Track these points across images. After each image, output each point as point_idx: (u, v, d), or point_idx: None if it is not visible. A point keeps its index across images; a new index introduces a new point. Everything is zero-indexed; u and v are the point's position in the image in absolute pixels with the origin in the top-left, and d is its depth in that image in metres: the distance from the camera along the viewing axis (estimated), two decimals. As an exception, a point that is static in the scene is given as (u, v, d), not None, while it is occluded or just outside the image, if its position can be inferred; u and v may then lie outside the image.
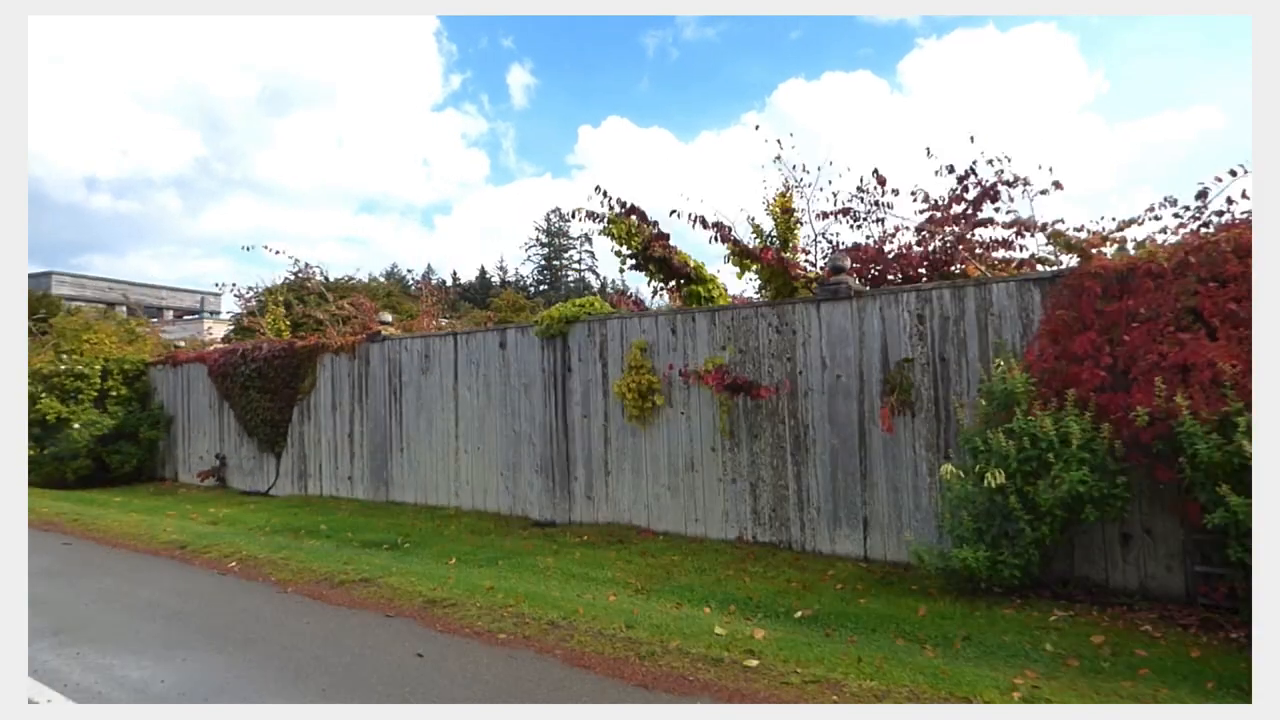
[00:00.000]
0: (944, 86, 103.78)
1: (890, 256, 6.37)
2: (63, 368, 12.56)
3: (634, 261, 7.38)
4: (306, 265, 13.06)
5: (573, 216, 7.17)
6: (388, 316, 9.98)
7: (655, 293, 8.07)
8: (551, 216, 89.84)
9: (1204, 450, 3.91)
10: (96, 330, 13.87)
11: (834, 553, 6.05)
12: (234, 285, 26.10)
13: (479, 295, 63.16)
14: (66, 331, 13.95)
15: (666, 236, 7.10)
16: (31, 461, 12.30)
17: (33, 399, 12.37)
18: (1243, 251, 4.29)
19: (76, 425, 12.06)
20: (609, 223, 7.15)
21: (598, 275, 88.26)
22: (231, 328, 25.06)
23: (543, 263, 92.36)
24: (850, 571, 5.60)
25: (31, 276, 34.00)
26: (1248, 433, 3.74)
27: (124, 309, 39.52)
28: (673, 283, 7.46)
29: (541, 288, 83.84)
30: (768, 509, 6.43)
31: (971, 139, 6.40)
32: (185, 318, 34.79)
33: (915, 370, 5.73)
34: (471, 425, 8.60)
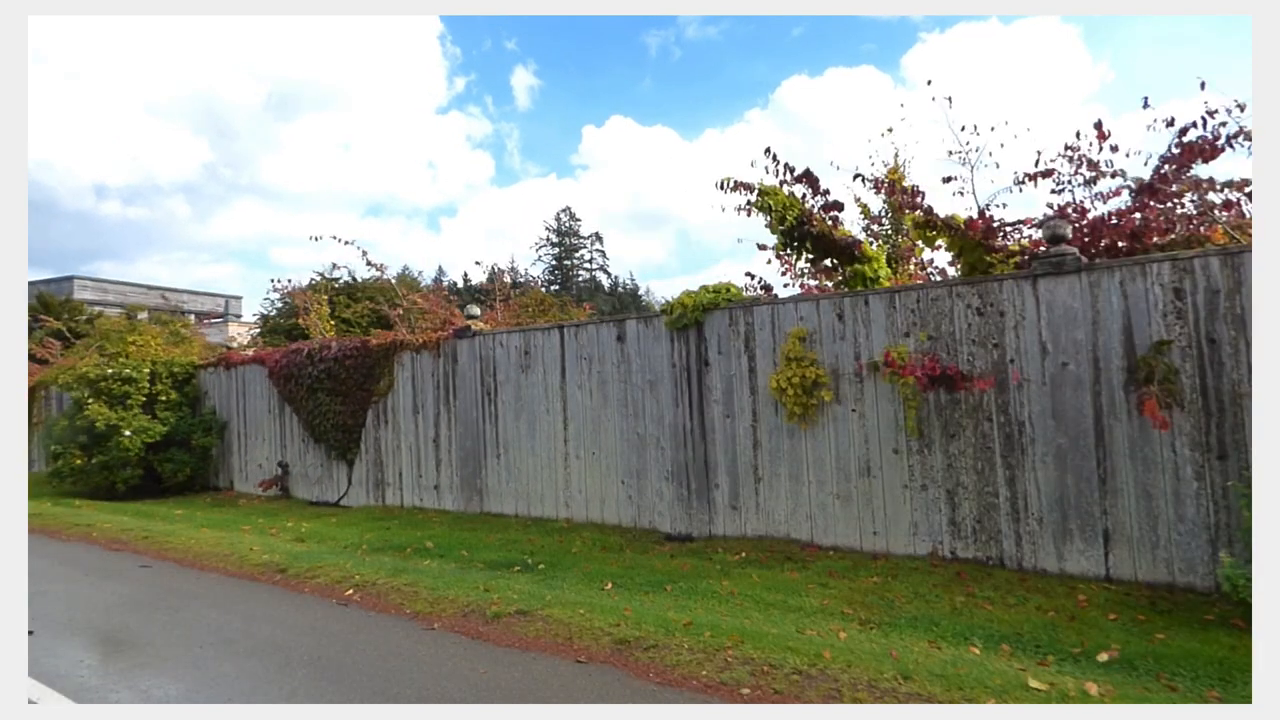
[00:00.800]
0: (948, 80, 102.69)
1: (1112, 224, 5.45)
2: (109, 371, 11.75)
3: (784, 239, 6.47)
4: (372, 262, 12.13)
5: (722, 188, 6.25)
6: (476, 310, 9.09)
7: (802, 276, 7.15)
8: (561, 216, 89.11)
9: None
10: (141, 332, 13.07)
11: (1064, 571, 5.14)
12: (276, 280, 25.27)
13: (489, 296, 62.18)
14: (110, 334, 13.16)
15: (839, 206, 6.19)
16: (78, 471, 11.51)
17: (79, 405, 11.57)
18: None
19: (127, 432, 11.25)
20: (760, 194, 6.24)
21: (609, 275, 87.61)
22: (257, 329, 24.29)
23: (553, 263, 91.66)
24: (1104, 595, 4.70)
25: (53, 281, 33.36)
26: None
27: (156, 311, 38.89)
28: (827, 262, 6.55)
29: (553, 287, 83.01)
30: (970, 520, 5.53)
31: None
32: (209, 321, 34.08)
33: (1174, 354, 4.82)
34: (584, 428, 7.72)
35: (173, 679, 4.11)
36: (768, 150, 6.12)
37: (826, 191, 6.20)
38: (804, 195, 6.39)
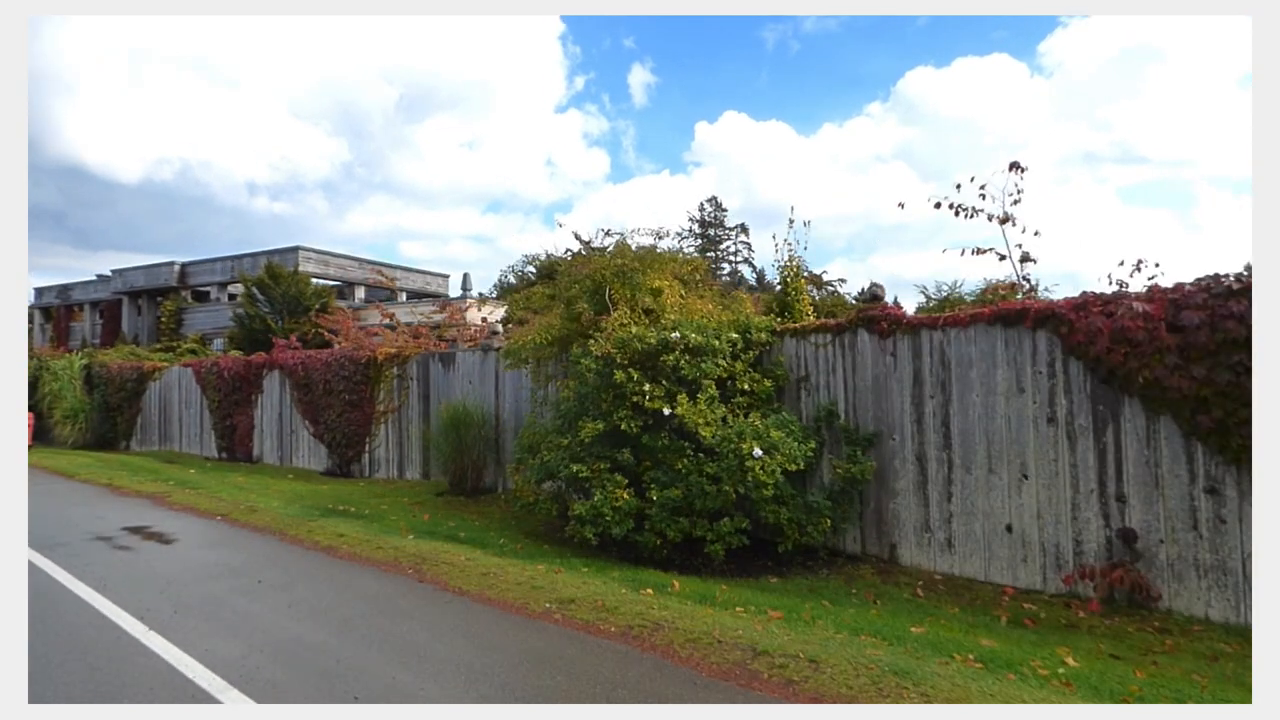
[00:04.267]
0: (1092, 67, 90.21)
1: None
2: (673, 336, 6.43)
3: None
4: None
5: None
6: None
7: None
8: (706, 206, 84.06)
9: None
10: (661, 271, 7.69)
11: None
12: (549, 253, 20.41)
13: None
14: (609, 278, 7.88)
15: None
16: (614, 514, 6.23)
17: (618, 390, 6.30)
18: None
19: (756, 451, 5.80)
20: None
21: (753, 267, 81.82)
22: (501, 311, 19.27)
23: (696, 254, 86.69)
24: None
25: (278, 251, 30.38)
26: None
27: (373, 286, 35.21)
28: None
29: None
30: None
31: None
32: (444, 300, 30.12)
33: None
34: None
35: None
36: None
37: None
38: None
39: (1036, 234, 6.62)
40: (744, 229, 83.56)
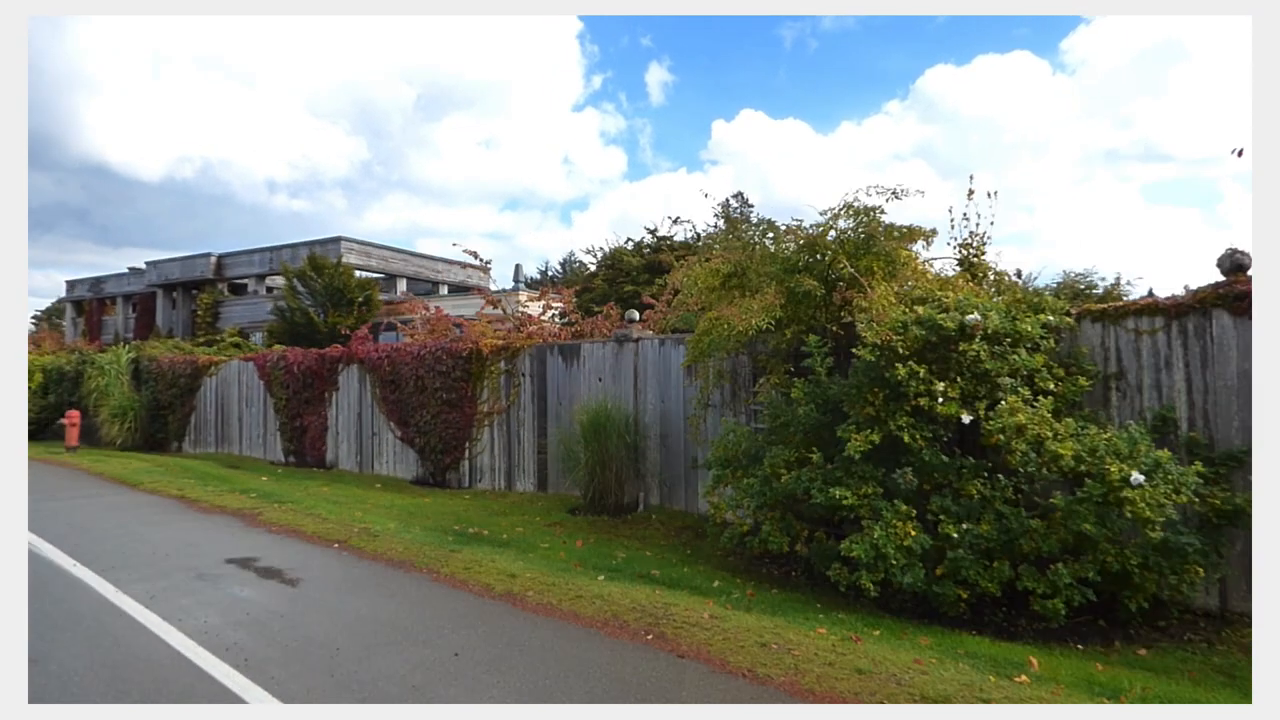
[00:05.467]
0: (1115, 64, 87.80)
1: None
2: (968, 319, 4.82)
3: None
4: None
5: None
6: None
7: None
8: (732, 201, 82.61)
9: None
10: (909, 240, 6.08)
11: None
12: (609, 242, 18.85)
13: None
14: (845, 250, 6.26)
15: None
16: (906, 557, 4.65)
17: (895, 389, 4.72)
18: None
19: (1137, 477, 4.19)
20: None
21: None
22: (561, 309, 17.75)
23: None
24: None
25: (319, 242, 29.05)
26: None
27: (413, 279, 33.62)
28: None
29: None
30: None
31: None
32: (497, 292, 28.64)
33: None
34: None
35: None
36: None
37: None
38: None
39: None
40: (770, 223, 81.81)
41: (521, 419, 9.90)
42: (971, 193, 6.55)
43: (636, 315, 9.13)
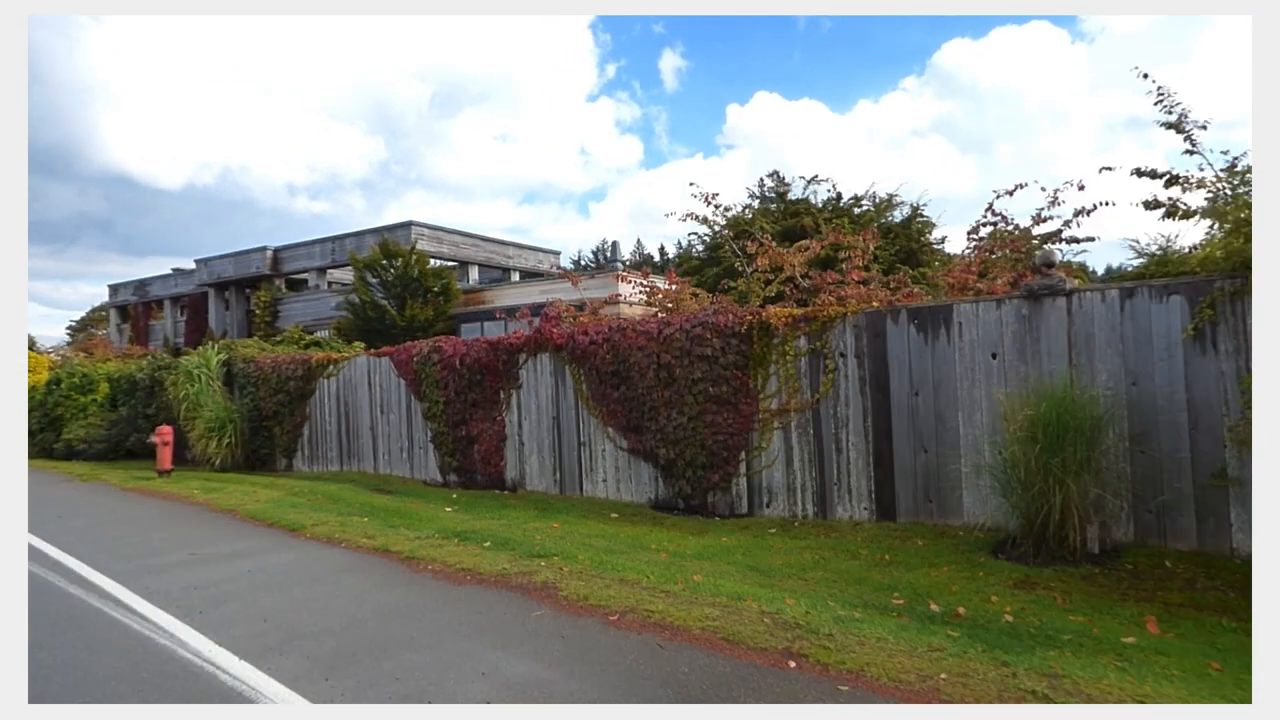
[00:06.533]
0: (1136, 30, 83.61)
1: None
2: None
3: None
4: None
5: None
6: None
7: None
8: (766, 181, 79.68)
9: None
10: None
11: None
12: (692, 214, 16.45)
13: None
14: None
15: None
16: None
17: None
18: None
19: None
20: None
21: None
22: (640, 287, 14.67)
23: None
24: None
25: (388, 229, 26.27)
26: None
27: (486, 266, 30.91)
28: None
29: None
30: None
31: None
32: (591, 270, 25.78)
33: None
34: None
35: None
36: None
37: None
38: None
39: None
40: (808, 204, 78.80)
41: (841, 417, 6.95)
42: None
43: (1057, 256, 6.11)
